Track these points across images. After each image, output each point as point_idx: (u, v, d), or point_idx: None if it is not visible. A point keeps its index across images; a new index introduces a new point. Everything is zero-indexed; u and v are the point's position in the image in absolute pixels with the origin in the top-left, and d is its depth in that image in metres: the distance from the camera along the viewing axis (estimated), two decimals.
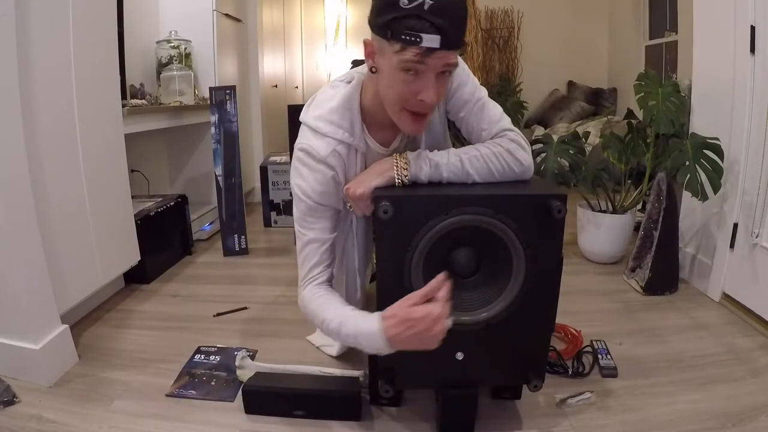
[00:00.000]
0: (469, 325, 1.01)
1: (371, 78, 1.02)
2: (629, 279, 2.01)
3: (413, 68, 0.88)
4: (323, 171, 1.06)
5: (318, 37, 4.91)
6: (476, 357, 1.04)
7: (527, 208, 0.95)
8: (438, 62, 0.87)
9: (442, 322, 0.86)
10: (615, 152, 2.17)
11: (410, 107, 0.94)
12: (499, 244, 0.97)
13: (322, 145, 1.05)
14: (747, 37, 1.63)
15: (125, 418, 1.22)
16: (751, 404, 1.22)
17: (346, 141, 1.06)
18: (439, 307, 0.86)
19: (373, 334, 0.90)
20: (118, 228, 1.84)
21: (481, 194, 0.96)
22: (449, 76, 0.93)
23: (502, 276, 1.00)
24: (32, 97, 1.35)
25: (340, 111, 1.06)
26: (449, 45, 0.85)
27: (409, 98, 0.92)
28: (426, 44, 0.83)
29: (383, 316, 0.90)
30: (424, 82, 0.89)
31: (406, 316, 0.87)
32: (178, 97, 2.57)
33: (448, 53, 0.86)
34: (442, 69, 0.89)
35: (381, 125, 1.09)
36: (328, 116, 1.06)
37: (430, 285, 0.89)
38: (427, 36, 0.83)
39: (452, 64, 0.89)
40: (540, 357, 1.07)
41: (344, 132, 1.05)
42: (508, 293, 1.00)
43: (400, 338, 0.88)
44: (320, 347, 1.53)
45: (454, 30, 0.84)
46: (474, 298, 1.01)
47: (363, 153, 1.10)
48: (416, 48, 0.84)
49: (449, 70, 0.90)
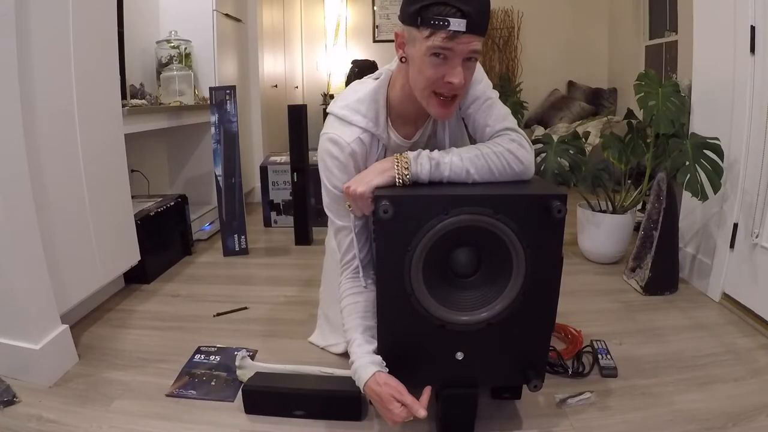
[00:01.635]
0: (469, 325, 1.01)
1: (400, 70, 1.06)
2: (629, 279, 2.01)
3: (441, 52, 0.92)
4: (347, 159, 1.08)
5: (318, 37, 4.91)
6: (476, 357, 1.04)
7: (527, 208, 0.95)
8: (464, 47, 0.92)
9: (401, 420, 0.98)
10: (615, 152, 2.17)
11: (439, 90, 0.98)
12: (499, 243, 0.97)
13: (347, 132, 1.08)
14: (747, 37, 1.63)
15: (125, 418, 1.22)
16: (751, 404, 1.22)
17: (370, 130, 1.09)
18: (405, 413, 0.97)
19: (360, 379, 1.02)
20: (118, 228, 1.84)
21: (481, 194, 0.96)
22: (474, 63, 0.97)
23: (502, 276, 1.00)
24: (32, 97, 1.35)
25: (366, 102, 1.09)
26: (475, 29, 0.90)
27: (437, 82, 0.96)
28: (453, 28, 0.89)
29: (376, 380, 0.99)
30: (451, 65, 0.94)
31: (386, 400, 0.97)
32: (178, 97, 2.57)
33: (474, 38, 0.91)
34: (468, 55, 0.93)
35: (405, 119, 1.12)
36: (355, 106, 1.09)
37: (423, 400, 0.99)
38: (454, 20, 0.88)
39: (477, 51, 0.94)
40: (540, 357, 1.07)
41: (369, 121, 1.09)
42: (508, 293, 1.00)
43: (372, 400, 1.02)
44: (325, 348, 1.53)
45: (479, 16, 0.90)
46: (474, 298, 1.01)
47: (385, 144, 1.12)
48: (444, 32, 0.89)
49: (474, 56, 0.95)
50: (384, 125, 1.10)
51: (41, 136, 1.40)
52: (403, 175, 1.01)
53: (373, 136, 1.10)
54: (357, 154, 1.09)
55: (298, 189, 2.61)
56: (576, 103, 4.20)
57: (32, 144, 1.35)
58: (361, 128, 1.08)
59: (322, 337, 1.55)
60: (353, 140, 1.08)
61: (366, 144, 1.10)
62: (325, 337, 1.54)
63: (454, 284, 1.02)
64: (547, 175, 2.07)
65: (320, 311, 1.60)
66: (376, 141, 1.11)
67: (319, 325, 1.59)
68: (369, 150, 1.11)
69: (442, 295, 1.00)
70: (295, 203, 2.63)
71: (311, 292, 1.99)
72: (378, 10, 4.76)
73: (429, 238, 0.95)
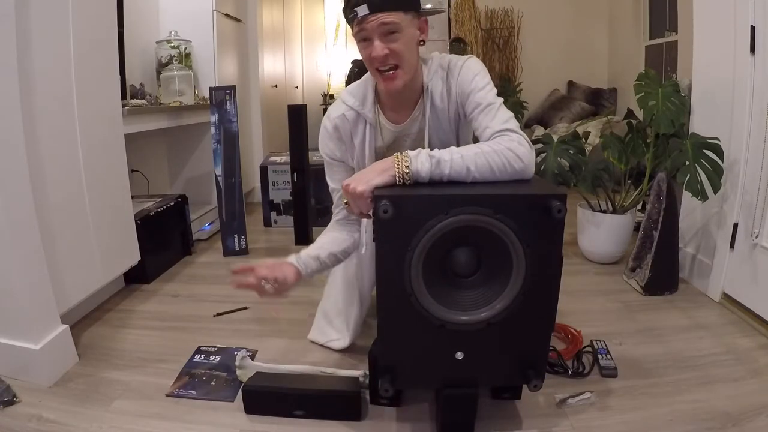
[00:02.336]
0: (468, 325, 1.01)
1: None
2: (629, 279, 2.01)
3: (362, 36, 1.11)
4: (332, 130, 1.29)
5: (318, 37, 4.91)
6: (476, 357, 1.04)
7: (527, 208, 0.95)
8: (373, 24, 1.07)
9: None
10: (615, 152, 2.17)
11: (376, 66, 1.13)
12: (499, 243, 0.97)
13: (335, 108, 1.29)
14: (747, 37, 1.63)
15: (125, 418, 1.22)
16: (751, 404, 1.22)
17: (355, 108, 1.26)
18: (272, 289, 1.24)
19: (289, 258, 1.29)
20: (118, 228, 1.84)
21: (480, 194, 0.96)
22: (399, 35, 1.10)
23: (502, 276, 1.00)
24: (32, 97, 1.35)
25: (358, 87, 1.29)
26: (378, 8, 1.06)
27: (370, 61, 1.13)
28: (360, 14, 1.07)
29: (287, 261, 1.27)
30: (371, 43, 1.10)
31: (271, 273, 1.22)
32: (178, 97, 2.57)
33: (379, 15, 1.06)
34: (381, 29, 1.08)
35: (392, 106, 1.27)
36: (350, 89, 1.30)
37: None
38: (359, 8, 1.07)
39: (386, 23, 1.07)
40: (540, 357, 1.07)
41: (356, 101, 1.26)
42: (508, 293, 1.00)
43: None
44: (326, 344, 1.54)
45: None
46: (474, 298, 1.01)
47: (372, 125, 1.26)
48: (356, 20, 1.09)
49: (390, 29, 1.08)
50: (371, 107, 1.25)
51: (41, 136, 1.40)
52: (403, 173, 1.01)
53: (359, 115, 1.26)
54: (339, 129, 1.28)
55: (298, 189, 2.61)
56: (576, 103, 4.20)
57: (32, 144, 1.35)
58: (348, 106, 1.26)
59: (321, 333, 1.56)
60: (338, 116, 1.27)
61: (350, 121, 1.27)
62: (324, 333, 1.55)
63: (454, 284, 1.02)
64: (547, 175, 2.07)
65: (319, 307, 1.61)
66: (362, 120, 1.26)
67: (316, 320, 1.60)
68: (353, 127, 1.27)
69: (441, 295, 1.00)
70: (295, 203, 2.63)
71: (311, 292, 1.99)
72: None
73: (429, 238, 0.95)
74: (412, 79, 1.18)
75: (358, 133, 1.27)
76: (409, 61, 1.13)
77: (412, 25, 1.13)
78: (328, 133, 1.29)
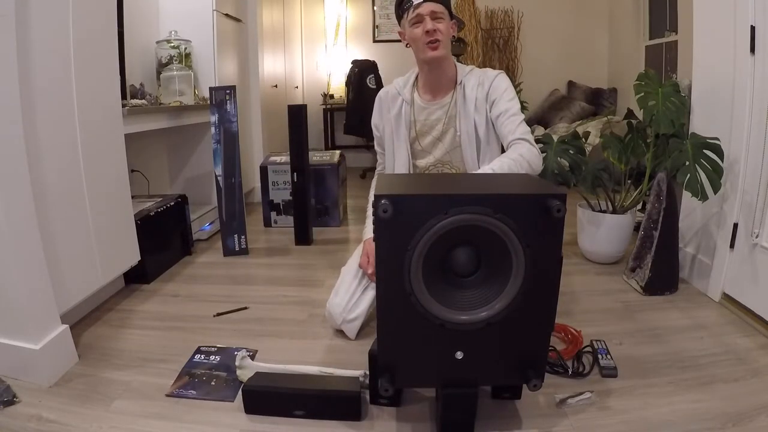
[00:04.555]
0: (468, 325, 1.01)
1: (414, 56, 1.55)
2: (629, 279, 2.01)
3: (415, 19, 1.45)
4: (378, 102, 1.65)
5: (318, 37, 4.91)
6: (476, 356, 1.04)
7: (527, 208, 0.95)
8: (425, 9, 1.43)
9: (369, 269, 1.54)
10: (615, 152, 2.17)
11: (424, 41, 1.44)
12: (499, 243, 0.97)
13: (384, 89, 1.67)
14: (747, 37, 1.63)
15: (125, 418, 1.22)
16: (751, 404, 1.22)
17: (397, 89, 1.62)
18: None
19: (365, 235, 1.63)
20: (118, 228, 1.84)
21: (480, 194, 0.96)
22: (444, 23, 1.45)
23: (501, 275, 1.00)
24: (32, 97, 1.35)
25: (406, 75, 1.64)
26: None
27: (421, 37, 1.44)
28: (415, 2, 1.44)
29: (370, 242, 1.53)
30: (424, 23, 1.43)
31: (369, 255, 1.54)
32: (178, 97, 2.57)
33: (431, 4, 1.43)
34: (431, 14, 1.43)
35: (427, 88, 1.58)
36: (398, 78, 1.65)
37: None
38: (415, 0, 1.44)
39: (436, 12, 1.43)
40: (540, 356, 1.07)
41: (400, 83, 1.63)
42: (508, 292, 1.00)
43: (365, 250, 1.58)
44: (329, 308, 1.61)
45: None
46: (473, 297, 1.01)
47: (409, 104, 1.58)
48: (412, 8, 1.44)
49: (438, 16, 1.44)
50: (410, 90, 1.59)
51: (41, 136, 1.40)
52: None
53: (398, 93, 1.60)
54: (382, 101, 1.64)
55: (298, 189, 2.61)
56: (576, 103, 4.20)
57: (32, 144, 1.35)
58: (393, 86, 1.63)
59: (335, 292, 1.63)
60: (385, 91, 1.65)
61: (390, 96, 1.62)
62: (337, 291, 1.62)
63: (453, 283, 1.02)
64: (547, 175, 2.07)
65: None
66: (400, 99, 1.59)
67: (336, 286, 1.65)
68: (392, 102, 1.61)
69: (441, 295, 1.00)
70: (295, 203, 2.63)
71: (311, 292, 1.99)
72: (378, 10, 4.76)
73: (428, 237, 0.95)
74: (446, 60, 1.51)
75: (394, 107, 1.59)
76: (446, 43, 1.46)
77: (449, 20, 1.48)
78: (378, 102, 1.65)
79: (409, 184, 1.13)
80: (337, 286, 1.63)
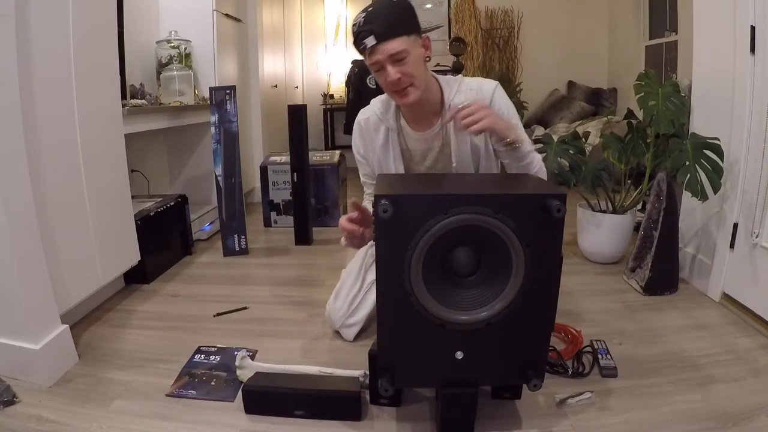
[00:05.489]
0: (468, 325, 1.01)
1: None
2: (629, 279, 2.01)
3: (374, 66, 1.24)
4: (358, 129, 1.45)
5: (318, 37, 4.91)
6: (476, 356, 1.04)
7: (527, 208, 0.95)
8: (383, 54, 1.20)
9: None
10: (615, 152, 2.17)
11: (391, 89, 1.26)
12: (499, 243, 0.97)
13: (365, 110, 1.46)
14: (747, 37, 1.63)
15: (125, 418, 1.22)
16: (751, 404, 1.22)
17: (378, 115, 1.41)
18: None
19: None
20: (118, 228, 1.84)
21: (480, 194, 0.96)
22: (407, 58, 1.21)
23: (501, 275, 1.00)
24: (32, 97, 1.35)
25: (383, 99, 1.43)
26: (384, 38, 1.18)
27: (386, 85, 1.26)
28: (368, 45, 1.20)
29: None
30: (386, 70, 1.22)
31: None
32: (178, 97, 2.57)
33: (386, 44, 1.19)
34: (393, 60, 1.20)
35: (411, 118, 1.39)
36: (380, 97, 1.45)
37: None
38: (367, 40, 1.19)
39: (395, 52, 1.19)
40: (540, 356, 1.07)
41: (381, 108, 1.41)
42: (508, 292, 1.00)
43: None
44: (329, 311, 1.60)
45: (383, 26, 1.18)
46: (473, 297, 1.01)
47: (393, 130, 1.40)
48: (366, 52, 1.21)
49: (399, 57, 1.20)
50: (393, 116, 1.40)
51: (41, 136, 1.40)
52: None
53: (381, 120, 1.40)
54: (363, 129, 1.44)
55: (298, 189, 2.61)
56: (576, 103, 4.20)
57: (32, 144, 1.35)
58: (374, 111, 1.42)
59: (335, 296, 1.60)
60: (364, 118, 1.44)
61: (371, 125, 1.42)
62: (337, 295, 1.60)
63: (454, 283, 1.02)
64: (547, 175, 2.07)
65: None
66: (384, 127, 1.40)
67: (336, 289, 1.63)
68: (374, 130, 1.42)
69: (441, 295, 1.00)
70: (295, 203, 2.63)
71: (311, 292, 1.99)
72: None
73: (428, 237, 0.95)
74: (426, 92, 1.30)
75: (379, 137, 1.41)
76: (419, 79, 1.25)
77: (417, 45, 1.24)
78: (357, 133, 1.47)
79: (409, 184, 1.13)
80: (337, 289, 1.61)
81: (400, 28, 1.19)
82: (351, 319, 1.56)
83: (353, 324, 1.57)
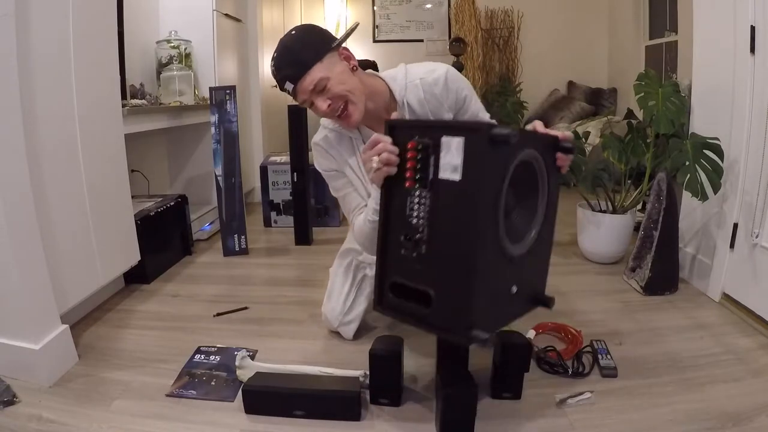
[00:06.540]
0: (522, 256, 1.06)
1: None
2: (629, 279, 2.01)
3: (305, 104, 1.25)
4: (321, 151, 1.39)
5: None
6: (520, 288, 1.08)
7: (548, 144, 1.09)
8: (305, 92, 1.21)
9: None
10: (615, 152, 2.17)
11: (331, 118, 1.26)
12: (532, 173, 1.06)
13: (319, 133, 1.40)
14: (747, 37, 1.63)
15: (125, 418, 1.22)
16: (751, 404, 1.22)
17: (335, 130, 1.36)
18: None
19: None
20: (118, 228, 1.84)
21: (534, 132, 1.10)
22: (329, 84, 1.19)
23: (531, 204, 1.09)
24: (32, 98, 1.35)
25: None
26: (297, 77, 1.19)
27: (324, 116, 1.27)
28: (288, 90, 1.23)
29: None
30: (314, 104, 1.22)
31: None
32: (178, 97, 2.57)
33: (302, 83, 1.19)
34: (316, 91, 1.20)
35: (369, 123, 1.34)
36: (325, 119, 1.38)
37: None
38: (287, 86, 1.22)
39: (319, 82, 1.19)
40: (541, 287, 1.18)
41: (333, 124, 1.35)
42: (537, 220, 1.09)
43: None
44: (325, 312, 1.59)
45: (293, 68, 1.20)
46: (518, 228, 1.07)
47: (359, 138, 1.35)
48: (292, 95, 1.24)
49: (318, 87, 1.19)
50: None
51: (41, 136, 1.40)
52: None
53: (340, 133, 1.36)
54: (326, 149, 1.37)
55: (298, 189, 2.61)
56: (576, 103, 4.20)
57: (32, 144, 1.35)
58: (328, 128, 1.37)
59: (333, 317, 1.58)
60: (321, 138, 1.38)
61: (332, 140, 1.37)
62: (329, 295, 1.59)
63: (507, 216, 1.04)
64: None
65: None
66: (345, 137, 1.36)
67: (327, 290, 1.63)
68: (339, 144, 1.37)
69: (506, 230, 1.01)
70: (295, 203, 2.63)
71: (311, 292, 1.99)
72: (378, 10, 4.76)
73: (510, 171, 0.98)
74: (371, 98, 1.27)
75: (345, 148, 1.37)
76: (354, 92, 1.21)
77: (335, 63, 1.22)
78: (320, 154, 1.39)
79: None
80: (329, 290, 1.61)
81: (307, 60, 1.18)
82: (348, 316, 1.56)
83: (351, 321, 1.57)
